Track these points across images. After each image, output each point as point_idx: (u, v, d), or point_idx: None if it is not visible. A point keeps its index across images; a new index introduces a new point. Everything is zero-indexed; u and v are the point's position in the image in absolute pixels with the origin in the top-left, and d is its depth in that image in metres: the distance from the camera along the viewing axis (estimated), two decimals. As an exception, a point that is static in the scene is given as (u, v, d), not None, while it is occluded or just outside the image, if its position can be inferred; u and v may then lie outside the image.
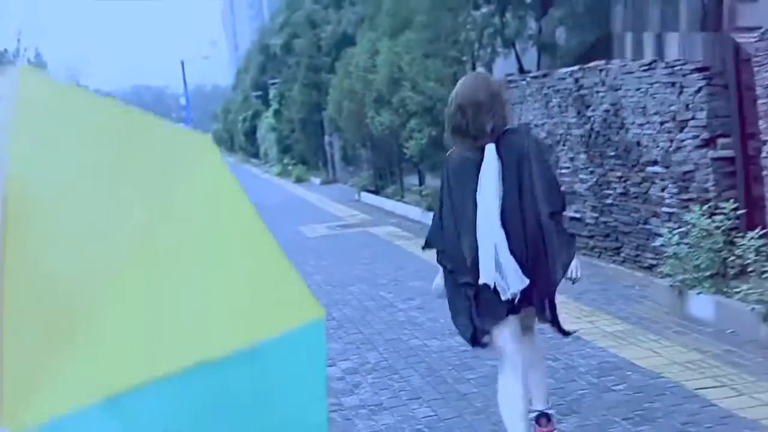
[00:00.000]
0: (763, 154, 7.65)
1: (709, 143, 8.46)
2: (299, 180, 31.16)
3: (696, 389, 6.00)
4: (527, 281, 4.46)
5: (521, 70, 22.30)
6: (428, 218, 5.45)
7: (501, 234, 4.44)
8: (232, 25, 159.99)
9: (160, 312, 1.63)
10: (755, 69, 7.59)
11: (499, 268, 4.43)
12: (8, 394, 1.53)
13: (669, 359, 6.71)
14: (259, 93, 46.55)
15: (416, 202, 17.00)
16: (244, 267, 1.75)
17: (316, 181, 29.98)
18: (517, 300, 4.51)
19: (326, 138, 29.07)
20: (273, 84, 39.04)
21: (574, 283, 4.77)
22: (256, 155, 50.80)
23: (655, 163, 9.27)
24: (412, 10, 15.27)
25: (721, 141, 8.39)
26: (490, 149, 4.49)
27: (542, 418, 5.00)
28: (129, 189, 1.70)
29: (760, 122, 7.61)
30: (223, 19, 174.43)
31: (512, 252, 4.44)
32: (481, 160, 4.49)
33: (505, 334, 4.65)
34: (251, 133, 50.86)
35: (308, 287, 1.74)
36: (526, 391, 4.74)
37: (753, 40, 7.59)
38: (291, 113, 32.65)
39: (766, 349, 6.74)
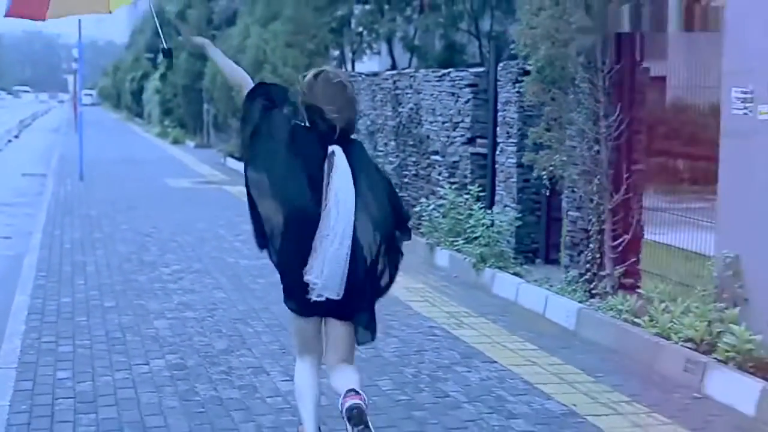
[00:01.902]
0: (497, 153, 10.54)
1: (470, 141, 11.31)
2: (176, 142, 33.46)
3: (406, 300, 8.84)
4: (341, 294, 4.51)
5: (393, 67, 25.03)
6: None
7: (349, 240, 4.47)
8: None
9: None
10: (498, 90, 10.47)
11: (327, 269, 4.47)
12: None
13: (402, 286, 9.48)
14: (151, 55, 48.40)
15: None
16: None
17: (191, 144, 32.38)
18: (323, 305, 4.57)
19: (205, 106, 31.43)
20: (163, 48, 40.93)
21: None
22: (140, 115, 52.63)
23: (436, 153, 12.10)
24: (282, 4, 17.94)
25: (479, 140, 11.24)
26: (339, 153, 4.53)
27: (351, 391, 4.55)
28: None
29: (498, 129, 10.50)
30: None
31: (351, 261, 4.48)
32: (325, 154, 4.53)
33: (308, 328, 4.80)
34: (138, 93, 52.63)
35: (163, 223, 4.25)
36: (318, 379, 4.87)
37: (500, 68, 10.46)
38: (176, 79, 34.91)
39: (473, 288, 9.61)
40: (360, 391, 4.51)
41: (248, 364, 6.67)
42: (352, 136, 4.75)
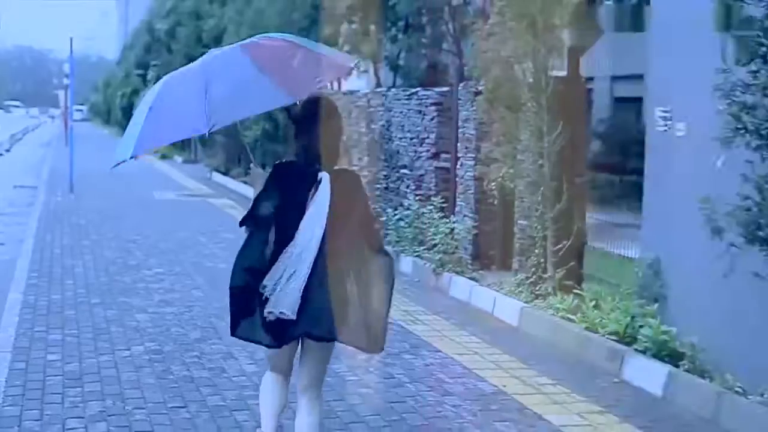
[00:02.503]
0: (458, 166, 11.38)
1: (435, 156, 12.14)
2: (164, 157, 34.21)
3: (368, 300, 9.62)
4: (294, 313, 4.46)
5: (378, 85, 25.77)
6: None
7: (309, 265, 4.46)
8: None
9: None
10: (459, 108, 11.32)
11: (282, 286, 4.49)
12: None
13: (366, 287, 10.32)
14: (141, 72, 49.22)
15: (254, 184, 20.47)
16: None
17: (179, 159, 33.19)
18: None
19: (193, 122, 32.24)
20: (154, 65, 41.84)
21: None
22: (130, 130, 53.32)
23: (404, 167, 12.94)
24: (268, 23, 18.76)
25: (443, 155, 12.07)
26: (325, 180, 4.53)
27: None
28: None
29: (459, 144, 11.34)
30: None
31: (308, 285, 4.45)
32: (313, 182, 4.54)
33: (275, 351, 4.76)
34: (128, 109, 53.38)
35: (148, 231, 4.66)
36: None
37: (460, 88, 11.31)
38: (165, 95, 35.70)
39: (432, 291, 10.43)
40: None
41: (219, 351, 7.48)
42: (346, 167, 4.87)
